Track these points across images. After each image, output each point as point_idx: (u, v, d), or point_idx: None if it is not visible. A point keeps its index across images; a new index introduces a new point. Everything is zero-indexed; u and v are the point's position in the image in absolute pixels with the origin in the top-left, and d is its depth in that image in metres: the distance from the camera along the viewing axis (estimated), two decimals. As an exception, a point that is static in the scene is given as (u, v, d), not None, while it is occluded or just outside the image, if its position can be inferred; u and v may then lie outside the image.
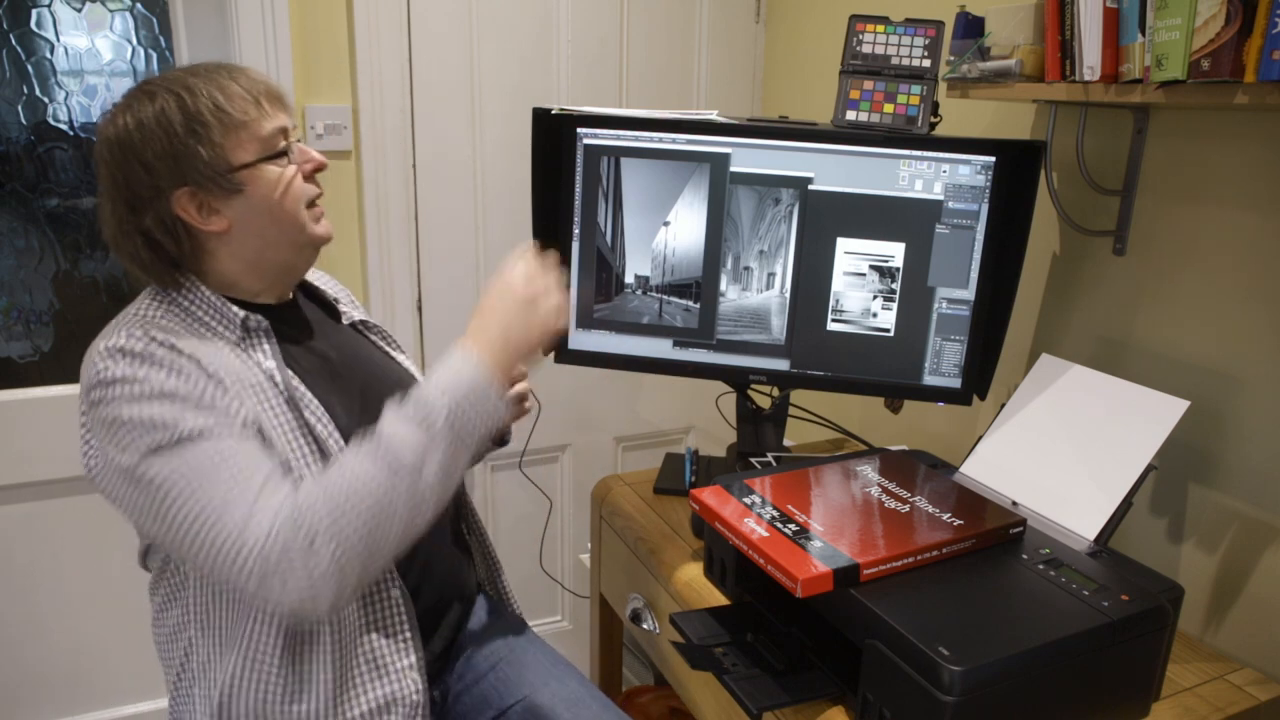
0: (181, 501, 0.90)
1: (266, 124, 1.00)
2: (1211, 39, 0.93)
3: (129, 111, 0.97)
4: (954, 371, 1.34)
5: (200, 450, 0.90)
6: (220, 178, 0.97)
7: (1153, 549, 1.28)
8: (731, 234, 1.34)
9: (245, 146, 0.98)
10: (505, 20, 1.82)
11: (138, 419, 0.90)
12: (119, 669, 1.86)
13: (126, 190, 0.97)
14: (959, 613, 0.91)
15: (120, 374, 0.91)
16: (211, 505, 0.89)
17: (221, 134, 0.97)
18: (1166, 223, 1.24)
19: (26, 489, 1.71)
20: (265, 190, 1.00)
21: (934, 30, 1.26)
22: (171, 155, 0.95)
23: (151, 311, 0.99)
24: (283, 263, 1.06)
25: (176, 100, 0.96)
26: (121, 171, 0.97)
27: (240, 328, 1.01)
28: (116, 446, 0.91)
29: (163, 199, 0.97)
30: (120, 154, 0.96)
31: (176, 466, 0.90)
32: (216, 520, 0.89)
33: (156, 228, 0.98)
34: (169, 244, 0.99)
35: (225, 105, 0.97)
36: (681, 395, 2.19)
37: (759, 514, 1.05)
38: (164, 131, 0.95)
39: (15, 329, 1.72)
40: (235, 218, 0.99)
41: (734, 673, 1.01)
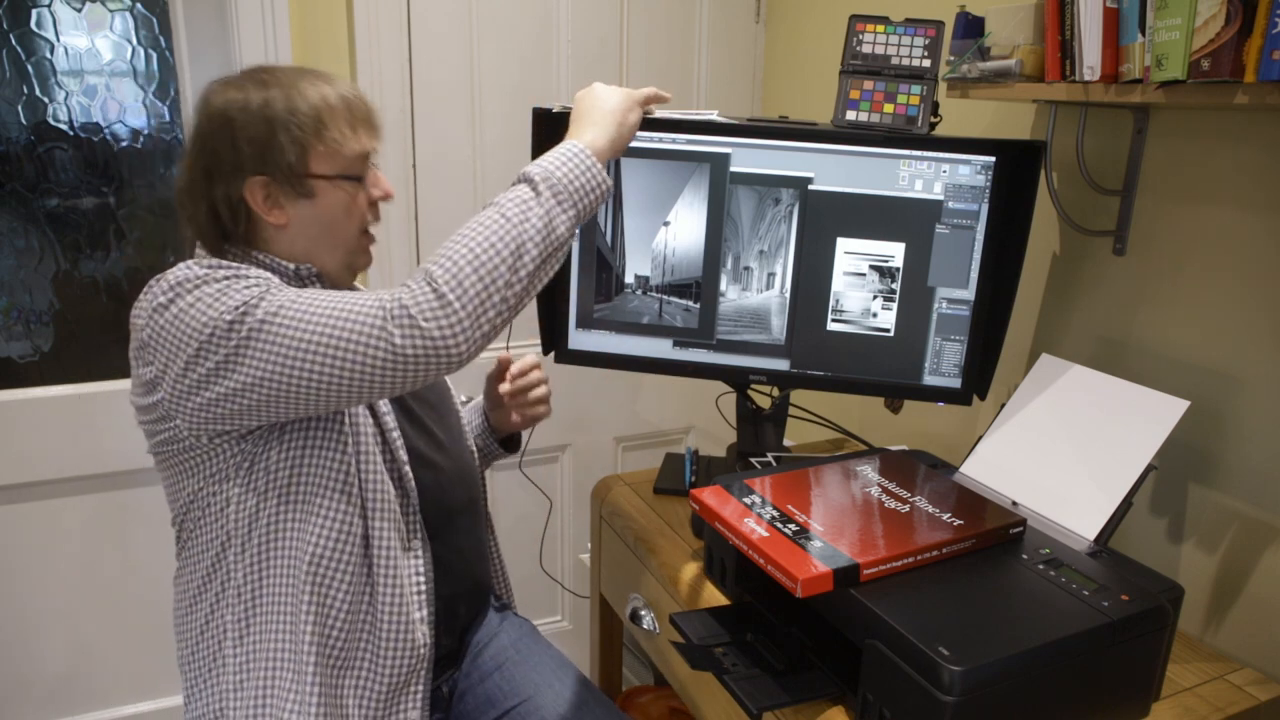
0: (298, 320, 0.91)
1: (354, 146, 1.05)
2: (1211, 39, 0.93)
3: (240, 90, 1.01)
4: (954, 371, 1.34)
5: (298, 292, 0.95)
6: (296, 179, 1.02)
7: (1153, 549, 1.28)
8: (731, 234, 1.34)
9: (328, 160, 1.03)
10: (505, 20, 1.82)
11: (232, 282, 0.94)
12: (118, 669, 1.86)
13: (210, 159, 1.02)
14: (959, 613, 0.91)
15: (199, 273, 0.96)
16: (334, 309, 0.91)
17: (312, 141, 1.01)
18: (1166, 223, 1.24)
19: (26, 489, 1.71)
20: (331, 205, 1.05)
21: (934, 30, 1.26)
22: (261, 143, 1.00)
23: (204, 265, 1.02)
24: (323, 270, 1.09)
25: (285, 96, 1.00)
26: (213, 141, 1.01)
27: (294, 275, 1.05)
28: (211, 308, 0.93)
29: (238, 179, 1.01)
30: (217, 126, 1.01)
31: (286, 299, 0.93)
32: (344, 315, 0.91)
33: (222, 201, 1.02)
34: (227, 219, 1.03)
35: (325, 117, 1.02)
36: (681, 395, 2.19)
37: (759, 514, 1.05)
38: (263, 120, 1.00)
39: (15, 329, 1.72)
40: (295, 218, 1.04)
41: (734, 673, 1.01)
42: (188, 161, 1.04)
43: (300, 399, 0.93)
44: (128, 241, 1.76)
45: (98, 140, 1.69)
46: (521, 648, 1.25)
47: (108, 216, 1.73)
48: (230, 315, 0.92)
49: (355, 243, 1.10)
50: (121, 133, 1.71)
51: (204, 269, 0.97)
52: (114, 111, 1.69)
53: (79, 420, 1.70)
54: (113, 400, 1.72)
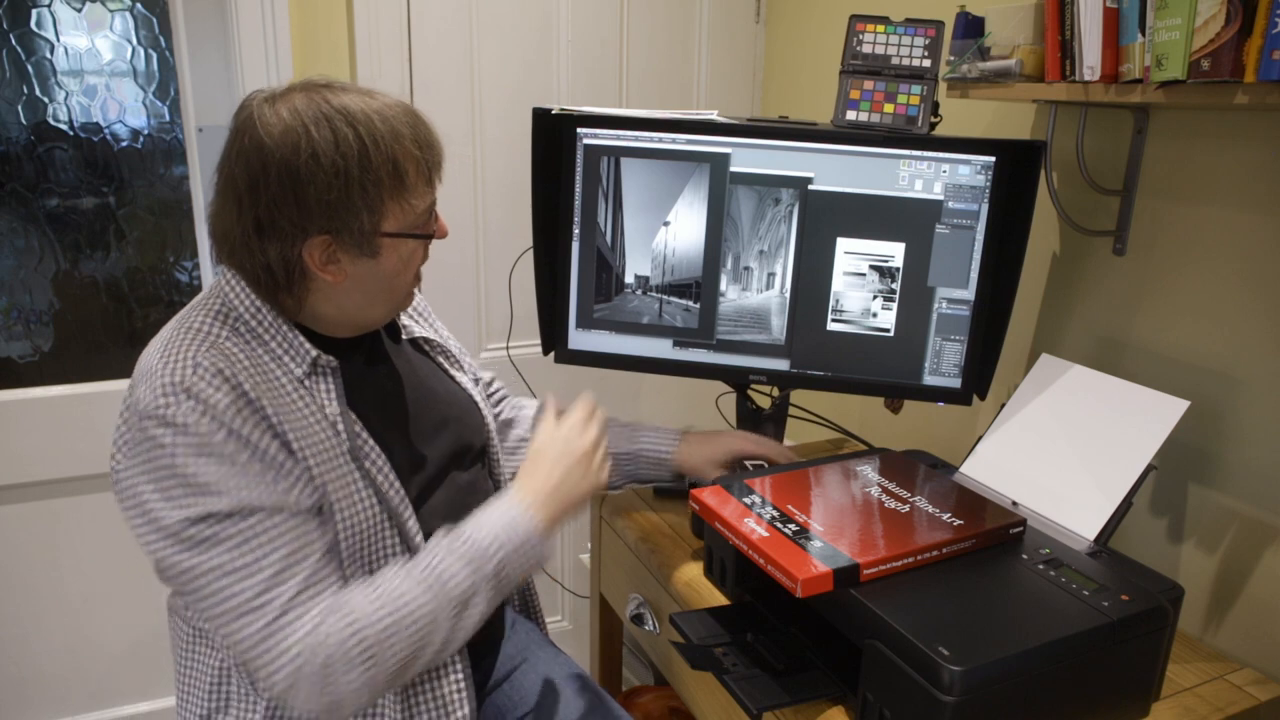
0: (217, 582, 0.87)
1: (426, 199, 0.96)
2: (1211, 39, 0.93)
3: (306, 131, 0.88)
4: (954, 371, 1.34)
5: (247, 529, 0.87)
6: (364, 240, 0.92)
7: (1153, 549, 1.28)
8: (731, 234, 1.34)
9: (399, 217, 0.94)
10: (505, 20, 1.82)
11: (189, 477, 0.86)
12: (119, 669, 1.86)
13: (265, 212, 0.89)
14: (959, 613, 0.91)
15: (181, 419, 0.86)
16: (247, 594, 0.86)
17: (387, 197, 0.92)
18: (1166, 223, 1.24)
19: (26, 489, 1.71)
20: (395, 261, 0.96)
21: (934, 30, 1.26)
22: (329, 204, 0.89)
23: (218, 329, 0.93)
24: (371, 320, 1.03)
25: (358, 144, 0.88)
26: (271, 193, 0.88)
27: (309, 364, 0.96)
28: (160, 495, 0.87)
29: (298, 239, 0.90)
30: (276, 176, 0.88)
31: (219, 542, 0.86)
32: (251, 613, 0.86)
33: (276, 259, 0.91)
34: (280, 277, 0.93)
35: (403, 169, 0.92)
36: (681, 395, 2.19)
37: (759, 514, 1.05)
38: (336, 177, 0.88)
39: (15, 329, 1.72)
40: (354, 275, 0.95)
41: (734, 673, 1.01)
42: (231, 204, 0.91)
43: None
44: (128, 241, 1.76)
45: (98, 140, 1.69)
46: (530, 654, 1.25)
47: (108, 216, 1.73)
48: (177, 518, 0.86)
49: (409, 291, 1.03)
50: (121, 133, 1.71)
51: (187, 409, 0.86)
52: (114, 111, 1.69)
53: (79, 420, 1.70)
54: (113, 400, 1.72)
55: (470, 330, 1.94)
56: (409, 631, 0.88)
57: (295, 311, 0.98)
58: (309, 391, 0.95)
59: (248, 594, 0.86)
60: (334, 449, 0.95)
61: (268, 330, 0.95)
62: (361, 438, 0.98)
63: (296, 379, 0.95)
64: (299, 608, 0.87)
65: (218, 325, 0.94)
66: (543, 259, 1.38)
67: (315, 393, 0.96)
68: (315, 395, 0.96)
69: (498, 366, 1.90)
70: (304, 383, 0.95)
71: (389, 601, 0.89)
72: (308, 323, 1.00)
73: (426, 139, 0.95)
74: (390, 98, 0.95)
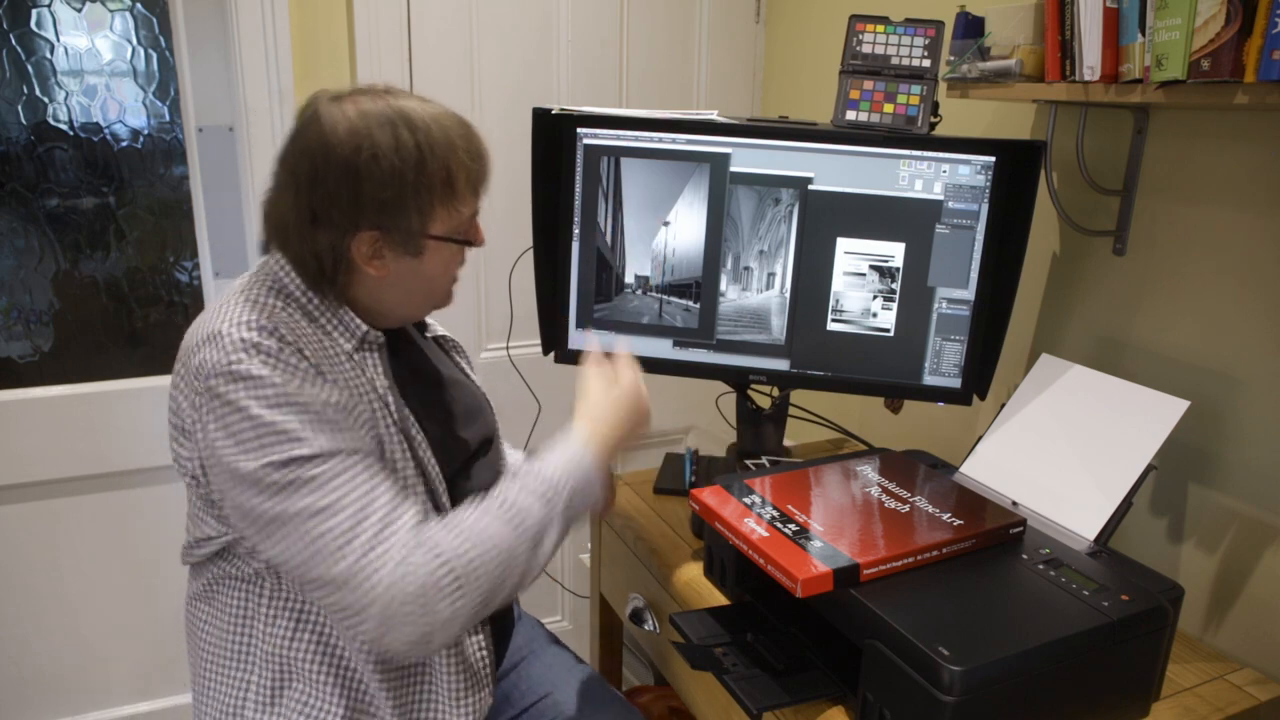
0: (304, 523, 0.89)
1: (470, 208, 1.02)
2: (1211, 39, 0.93)
3: (369, 132, 0.93)
4: (954, 371, 1.34)
5: (329, 470, 0.90)
6: (410, 239, 0.98)
7: (1153, 549, 1.28)
8: (731, 234, 1.34)
9: (445, 221, 1.00)
10: (505, 20, 1.82)
11: (268, 424, 0.89)
12: (119, 669, 1.86)
13: (321, 203, 0.95)
14: (959, 613, 0.91)
15: (254, 372, 0.89)
16: (335, 534, 0.89)
17: (437, 202, 0.97)
18: (1166, 223, 1.24)
19: (26, 489, 1.71)
20: (436, 264, 1.02)
21: (934, 30, 1.26)
22: (383, 202, 0.94)
23: (273, 301, 0.97)
24: (406, 316, 1.08)
25: (416, 150, 0.94)
26: (329, 186, 0.94)
27: (358, 339, 1.00)
28: (238, 446, 0.89)
29: (349, 232, 0.96)
30: (339, 172, 0.93)
31: (303, 485, 0.89)
32: (339, 551, 0.88)
33: (325, 249, 0.96)
34: (327, 266, 0.97)
35: (454, 177, 0.98)
36: (681, 395, 2.19)
37: (759, 514, 1.05)
38: (393, 176, 0.93)
39: (15, 329, 1.72)
40: (396, 272, 1.00)
41: (734, 673, 1.01)
42: (290, 192, 0.96)
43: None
44: (128, 241, 1.76)
45: (98, 140, 1.69)
46: (536, 646, 1.27)
47: (108, 216, 1.73)
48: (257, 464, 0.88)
49: (445, 293, 1.08)
50: (121, 133, 1.71)
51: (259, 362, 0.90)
52: (114, 111, 1.69)
53: (79, 420, 1.70)
54: (113, 400, 1.72)
55: (470, 330, 1.94)
56: (492, 563, 0.92)
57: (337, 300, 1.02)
58: (358, 365, 0.99)
59: (335, 533, 0.89)
60: (384, 420, 0.99)
61: (317, 308, 1.00)
62: (405, 412, 1.02)
63: (346, 353, 0.99)
64: (384, 543, 0.89)
65: (273, 297, 0.98)
66: (543, 259, 1.38)
67: (364, 367, 1.00)
68: (364, 369, 1.00)
69: (498, 366, 1.90)
70: (352, 357, 0.99)
71: (471, 534, 0.92)
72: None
73: (478, 150, 1.01)
74: (446, 108, 1.00)
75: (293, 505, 0.89)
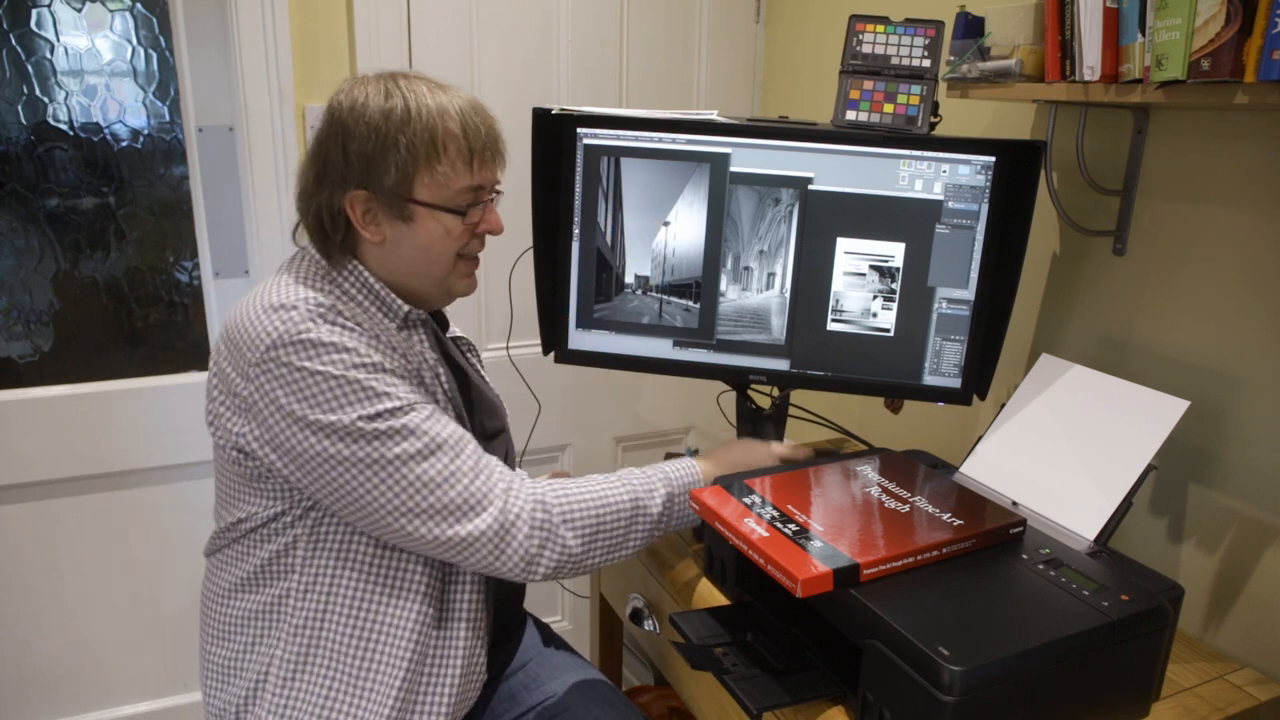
0: (404, 465, 0.94)
1: (463, 180, 1.03)
2: (1211, 39, 0.93)
3: (364, 92, 1.00)
4: (954, 371, 1.34)
5: (416, 415, 0.95)
6: (395, 200, 1.01)
7: (1153, 549, 1.28)
8: (731, 234, 1.34)
9: (432, 188, 1.02)
10: (505, 20, 1.82)
11: (351, 382, 0.93)
12: (119, 669, 1.86)
13: (322, 162, 1.01)
14: (959, 613, 0.91)
15: (326, 338, 0.94)
16: (438, 468, 0.95)
17: (420, 166, 1.00)
18: (1166, 223, 1.24)
19: (26, 489, 1.71)
20: (428, 233, 1.04)
21: (934, 30, 1.26)
22: (367, 157, 0.99)
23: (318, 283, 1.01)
24: (418, 292, 1.09)
25: (403, 111, 0.99)
26: (327, 144, 1.01)
27: (402, 318, 1.05)
28: (322, 407, 0.93)
29: (342, 190, 1.00)
30: (333, 128, 1.00)
31: (398, 432, 0.94)
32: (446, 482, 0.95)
33: (325, 206, 1.01)
34: (329, 226, 1.02)
35: (439, 142, 1.00)
36: (681, 395, 2.19)
37: (759, 514, 1.05)
38: (374, 132, 0.98)
39: (15, 329, 1.72)
40: (391, 238, 1.03)
41: (734, 673, 1.01)
42: (309, 160, 1.04)
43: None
44: (128, 241, 1.76)
45: (98, 140, 1.69)
46: (543, 645, 1.28)
47: (108, 216, 1.73)
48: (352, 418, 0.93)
49: (450, 271, 1.08)
50: (121, 133, 1.71)
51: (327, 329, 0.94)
52: (114, 111, 1.69)
53: (79, 420, 1.70)
54: (113, 400, 1.72)
55: (470, 330, 1.94)
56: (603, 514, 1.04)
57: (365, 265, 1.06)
58: (407, 341, 1.04)
59: (437, 469, 0.95)
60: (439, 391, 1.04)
61: (361, 289, 1.04)
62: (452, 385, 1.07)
63: (392, 330, 1.03)
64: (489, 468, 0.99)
65: (315, 280, 1.02)
66: (543, 259, 1.38)
67: (413, 341, 1.05)
68: (414, 344, 1.05)
69: (498, 366, 1.90)
70: (399, 333, 1.04)
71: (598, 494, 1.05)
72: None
73: (474, 125, 1.03)
74: (462, 92, 1.05)
75: (390, 450, 0.94)
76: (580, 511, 1.02)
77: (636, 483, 1.09)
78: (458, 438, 0.98)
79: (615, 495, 1.06)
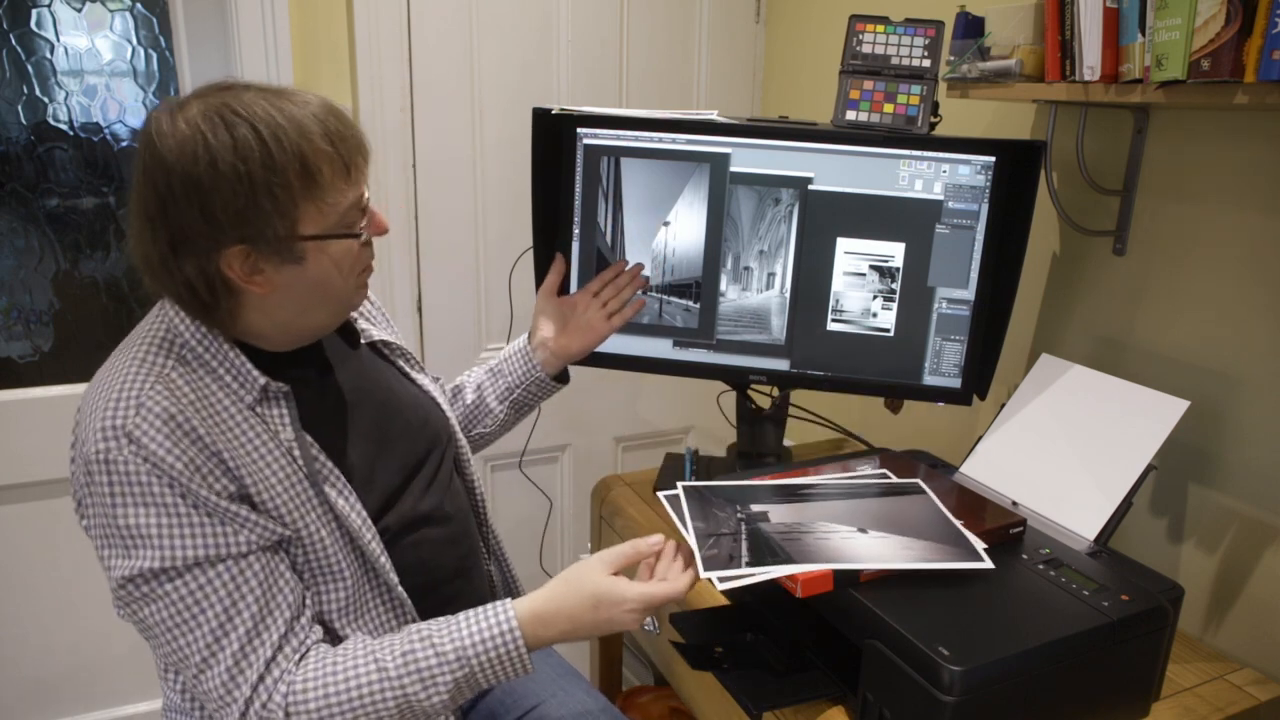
0: (162, 636, 0.88)
1: (349, 195, 0.90)
2: (1211, 39, 0.93)
3: (203, 138, 0.83)
4: (954, 371, 1.34)
5: (181, 586, 0.86)
6: (283, 246, 0.87)
7: (1153, 549, 1.28)
8: (731, 234, 1.34)
9: (318, 219, 0.88)
10: (505, 20, 1.82)
11: (126, 528, 0.85)
12: (119, 669, 1.86)
13: (174, 229, 0.85)
14: (959, 613, 0.91)
15: (121, 465, 0.84)
16: (194, 652, 0.87)
17: (300, 199, 0.86)
18: (1166, 223, 1.24)
19: (26, 489, 1.71)
20: (325, 265, 0.91)
21: (934, 30, 1.26)
22: (239, 212, 0.84)
23: (163, 360, 0.90)
24: (314, 327, 0.98)
25: (260, 145, 0.83)
26: (176, 208, 0.84)
27: (259, 391, 0.93)
28: (104, 543, 0.87)
29: (213, 253, 0.86)
30: (180, 190, 0.83)
31: (155, 599, 0.86)
32: (199, 669, 0.87)
33: (195, 276, 0.87)
34: (203, 294, 0.88)
35: (312, 165, 0.86)
36: (681, 395, 2.19)
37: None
38: (239, 182, 0.83)
39: (15, 329, 1.72)
40: (281, 284, 0.90)
41: (734, 673, 1.01)
42: (144, 227, 0.87)
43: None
44: (127, 241, 1.76)
45: (98, 140, 1.69)
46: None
47: (108, 216, 1.73)
48: (125, 571, 0.86)
49: (350, 289, 0.96)
50: (121, 133, 1.71)
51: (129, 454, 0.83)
52: (114, 111, 1.69)
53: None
54: (113, 400, 1.72)
55: (470, 330, 1.94)
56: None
57: (231, 328, 0.93)
58: (261, 419, 0.92)
59: (196, 647, 0.87)
60: (292, 476, 0.93)
61: (215, 357, 0.92)
62: (319, 461, 0.96)
63: (247, 406, 0.92)
64: (247, 659, 0.87)
65: (162, 356, 0.90)
66: (543, 259, 1.38)
67: (268, 419, 0.93)
68: (269, 422, 0.93)
69: (498, 366, 1.90)
70: (255, 410, 0.92)
71: (342, 684, 0.89)
72: (251, 341, 0.95)
73: (339, 132, 0.88)
74: (304, 94, 0.90)
75: (151, 617, 0.87)
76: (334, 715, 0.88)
77: (412, 674, 0.89)
78: (220, 622, 0.86)
79: (378, 697, 0.89)
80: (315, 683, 0.88)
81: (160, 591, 0.86)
